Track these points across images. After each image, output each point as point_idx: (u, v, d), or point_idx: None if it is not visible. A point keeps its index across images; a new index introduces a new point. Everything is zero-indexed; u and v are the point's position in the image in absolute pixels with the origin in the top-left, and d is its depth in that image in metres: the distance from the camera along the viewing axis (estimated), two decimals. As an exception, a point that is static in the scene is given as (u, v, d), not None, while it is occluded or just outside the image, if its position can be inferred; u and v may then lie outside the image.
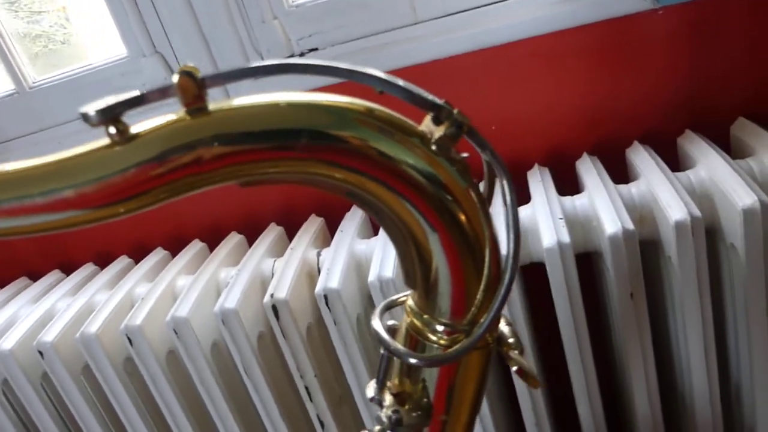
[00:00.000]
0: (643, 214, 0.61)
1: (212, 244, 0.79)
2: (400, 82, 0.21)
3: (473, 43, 0.72)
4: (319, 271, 0.68)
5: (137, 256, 0.83)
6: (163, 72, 0.81)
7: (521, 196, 0.69)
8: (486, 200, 0.25)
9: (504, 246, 0.25)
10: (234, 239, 0.79)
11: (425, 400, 0.28)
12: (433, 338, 0.27)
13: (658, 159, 0.66)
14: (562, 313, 0.60)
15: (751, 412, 0.69)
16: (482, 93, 0.75)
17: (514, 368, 0.27)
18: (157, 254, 0.81)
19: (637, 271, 0.57)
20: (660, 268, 0.66)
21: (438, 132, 0.22)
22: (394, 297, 0.30)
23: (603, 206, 0.60)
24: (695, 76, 0.72)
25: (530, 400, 0.66)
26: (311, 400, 0.66)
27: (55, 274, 0.85)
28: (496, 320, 0.27)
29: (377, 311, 0.28)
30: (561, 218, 0.60)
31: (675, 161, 0.71)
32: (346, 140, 0.21)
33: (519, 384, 0.65)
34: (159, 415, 0.72)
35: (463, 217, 0.24)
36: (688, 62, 0.71)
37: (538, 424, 0.67)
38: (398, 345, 0.27)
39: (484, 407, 0.66)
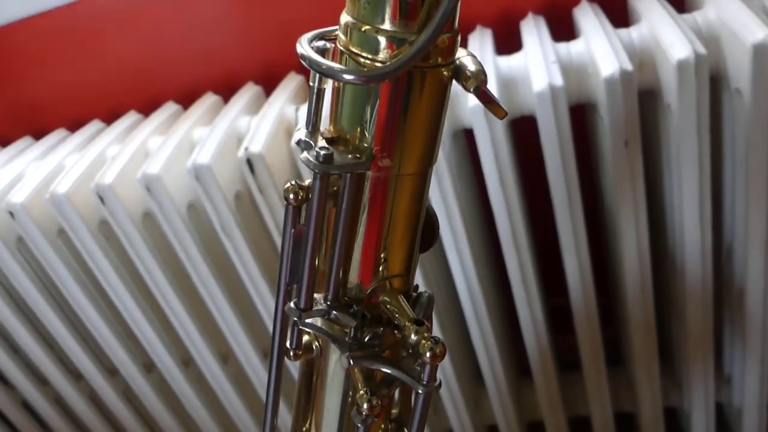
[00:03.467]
0: (643, 60, 0.57)
1: (188, 106, 0.75)
2: None
3: None
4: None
5: (111, 121, 0.79)
6: None
7: (513, 45, 0.64)
8: None
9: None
10: (210, 99, 0.74)
11: (365, 145, 0.24)
12: (373, 56, 0.22)
13: (664, 2, 0.61)
14: (551, 165, 0.57)
15: (742, 273, 0.67)
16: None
17: (473, 88, 0.23)
18: (131, 117, 0.77)
19: (633, 117, 0.54)
20: (657, 122, 0.62)
21: None
22: (327, 28, 0.25)
23: (600, 50, 0.55)
24: None
25: (517, 258, 0.64)
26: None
27: (25, 141, 0.82)
28: (452, 37, 0.22)
29: (304, 39, 0.23)
30: (554, 62, 0.55)
31: (682, 5, 0.66)
32: None
33: (505, 240, 0.63)
34: (141, 279, 0.71)
35: None
36: None
37: (524, 281, 0.66)
38: (331, 63, 0.22)
39: (468, 267, 0.65)
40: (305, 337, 0.28)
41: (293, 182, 0.25)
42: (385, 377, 0.26)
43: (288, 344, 0.28)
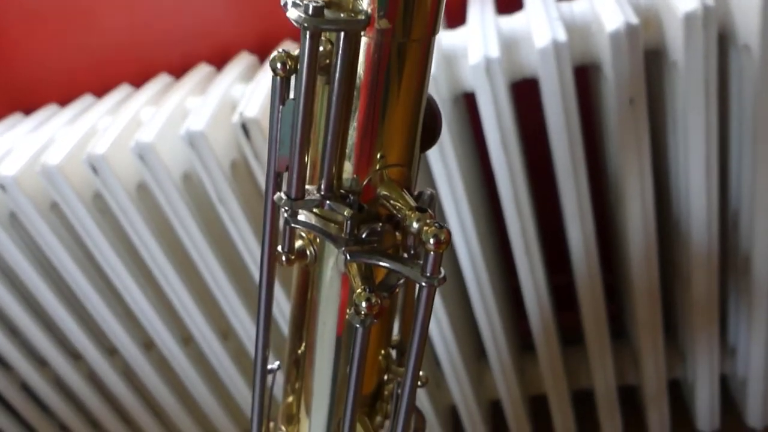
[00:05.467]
0: (648, 18, 0.55)
1: (182, 77, 0.73)
2: None
3: None
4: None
5: (103, 95, 0.77)
6: None
7: (514, 5, 0.62)
8: None
9: None
10: (203, 70, 0.73)
11: (360, 7, 0.22)
12: None
13: (669, -42, 0.59)
14: (554, 126, 0.56)
15: (748, 238, 0.66)
16: None
17: None
18: (123, 90, 0.76)
19: (638, 74, 0.52)
20: (662, 84, 0.61)
21: None
22: None
23: (604, 7, 0.54)
24: None
25: (519, 225, 0.63)
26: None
27: (15, 117, 0.80)
28: None
29: None
30: (557, 19, 0.54)
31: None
32: None
33: (508, 206, 0.61)
34: (137, 254, 0.70)
35: None
36: None
37: (528, 252, 0.65)
38: None
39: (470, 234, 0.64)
40: (299, 243, 0.27)
41: (281, 50, 0.23)
42: (385, 280, 0.25)
43: (280, 248, 0.26)
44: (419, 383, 0.24)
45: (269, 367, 0.28)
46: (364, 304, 0.23)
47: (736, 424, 0.82)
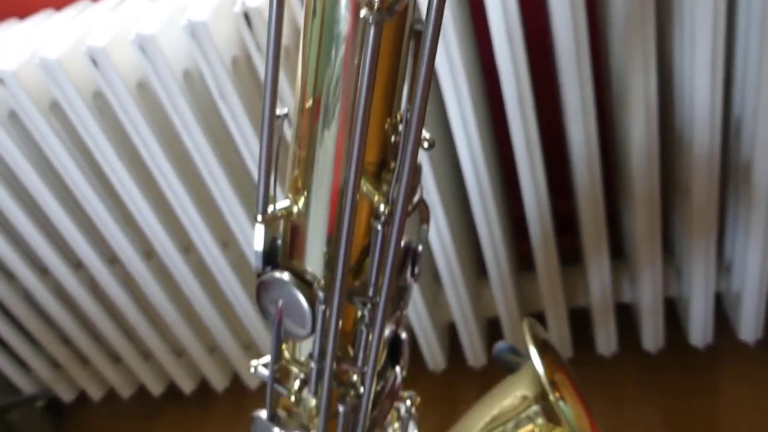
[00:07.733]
0: None
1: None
2: None
3: None
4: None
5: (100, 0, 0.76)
6: None
7: None
8: None
9: None
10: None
11: None
12: None
13: None
14: (559, 21, 0.55)
15: (750, 147, 0.66)
16: None
17: None
18: (122, -7, 0.74)
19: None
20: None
21: None
22: None
23: None
24: None
25: (523, 127, 0.63)
26: (290, 125, 0.62)
27: (10, 22, 0.79)
28: None
29: None
30: None
31: None
32: None
33: (511, 105, 0.61)
34: (139, 157, 0.70)
35: None
36: None
37: (529, 150, 0.64)
38: None
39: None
40: None
41: None
42: None
43: None
44: (425, 145, 0.24)
45: (278, 113, 0.28)
46: None
47: (728, 339, 0.84)
